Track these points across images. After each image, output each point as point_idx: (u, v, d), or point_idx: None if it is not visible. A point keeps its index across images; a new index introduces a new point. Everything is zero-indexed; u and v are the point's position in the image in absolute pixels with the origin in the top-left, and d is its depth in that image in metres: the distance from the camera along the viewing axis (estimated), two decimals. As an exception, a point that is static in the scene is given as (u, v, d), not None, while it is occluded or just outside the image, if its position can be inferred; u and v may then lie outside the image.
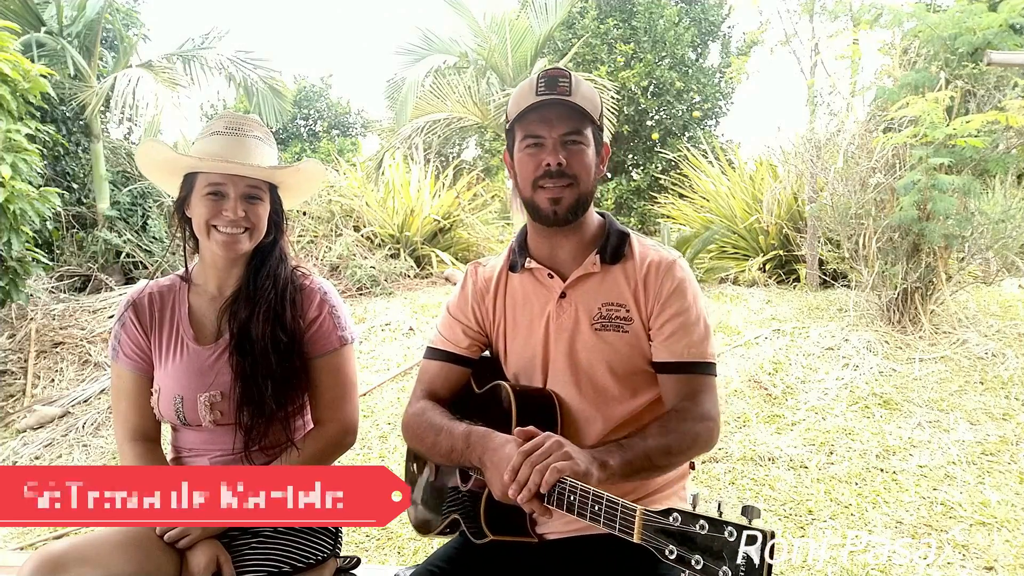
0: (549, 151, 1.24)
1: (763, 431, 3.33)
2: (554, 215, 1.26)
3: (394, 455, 3.37)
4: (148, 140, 1.42)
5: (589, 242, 1.34)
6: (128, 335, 1.44)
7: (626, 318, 1.28)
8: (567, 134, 1.25)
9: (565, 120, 1.24)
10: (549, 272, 1.33)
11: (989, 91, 4.52)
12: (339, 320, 1.47)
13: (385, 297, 6.07)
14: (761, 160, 6.76)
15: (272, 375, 1.38)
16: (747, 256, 6.18)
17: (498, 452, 1.12)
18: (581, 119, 1.26)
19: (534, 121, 1.26)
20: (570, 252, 1.33)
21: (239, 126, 1.39)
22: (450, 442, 1.25)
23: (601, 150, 1.33)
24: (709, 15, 12.60)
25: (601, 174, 1.34)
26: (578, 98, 1.25)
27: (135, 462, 1.41)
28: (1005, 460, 2.93)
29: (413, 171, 7.84)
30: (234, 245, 1.37)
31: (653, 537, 0.88)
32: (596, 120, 1.29)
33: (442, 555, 1.33)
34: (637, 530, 0.90)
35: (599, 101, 1.31)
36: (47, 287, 5.85)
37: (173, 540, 1.31)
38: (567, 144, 1.25)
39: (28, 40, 6.41)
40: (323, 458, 1.44)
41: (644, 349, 1.28)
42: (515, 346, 1.36)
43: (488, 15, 9.26)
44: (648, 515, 0.90)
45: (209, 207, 1.35)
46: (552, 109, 1.24)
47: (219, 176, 1.35)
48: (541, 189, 1.26)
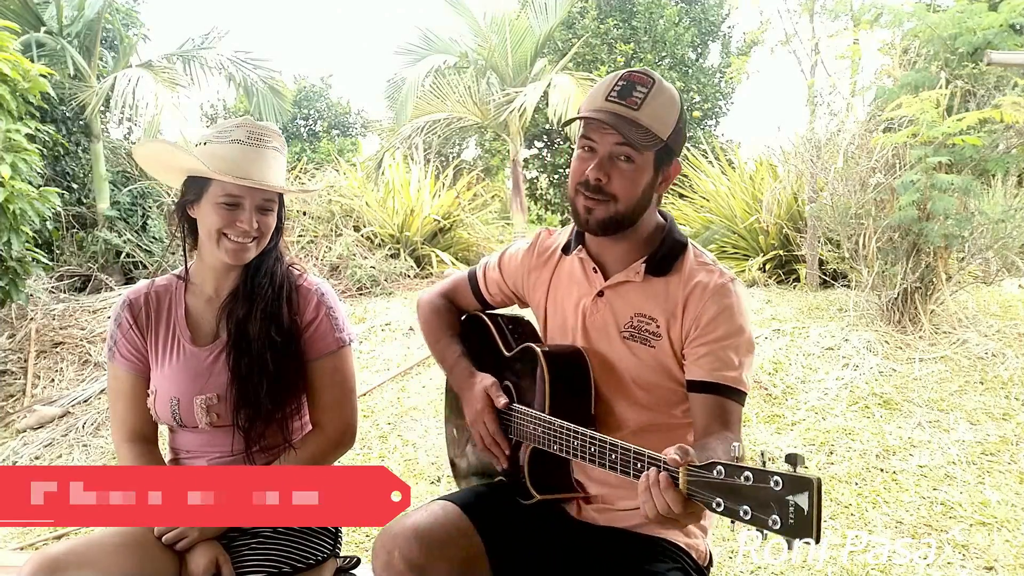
0: (596, 163, 1.19)
1: (763, 431, 3.33)
2: (585, 224, 1.25)
3: (394, 455, 3.37)
4: (166, 143, 1.40)
5: (639, 247, 1.29)
6: (124, 335, 1.44)
7: (655, 333, 1.24)
8: (619, 145, 1.18)
9: (622, 136, 1.17)
10: (594, 266, 1.31)
11: (989, 91, 4.52)
12: (337, 322, 1.47)
13: (385, 297, 6.07)
14: (761, 160, 6.75)
15: (268, 374, 1.37)
16: (747, 256, 6.17)
17: (470, 393, 1.35)
18: (641, 140, 1.17)
19: (593, 125, 1.20)
20: (618, 254, 1.30)
21: (260, 136, 1.36)
22: (440, 354, 1.49)
23: (666, 169, 1.25)
24: (709, 15, 12.59)
25: (661, 191, 1.28)
26: (645, 115, 1.17)
27: (132, 463, 1.40)
28: (1005, 460, 2.93)
29: (413, 171, 7.84)
30: (242, 254, 1.37)
31: (699, 491, 0.88)
32: (663, 139, 1.20)
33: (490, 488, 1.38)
34: (682, 485, 0.90)
35: (675, 116, 1.22)
36: (47, 287, 5.84)
37: (172, 541, 1.30)
38: (616, 159, 1.19)
39: (28, 40, 6.40)
40: (321, 460, 1.43)
41: (669, 366, 1.25)
42: (554, 324, 1.39)
43: (488, 15, 9.25)
44: (692, 470, 0.90)
45: (223, 216, 1.33)
46: (613, 120, 1.17)
47: (237, 187, 1.33)
48: (580, 195, 1.23)
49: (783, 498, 0.79)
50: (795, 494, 0.78)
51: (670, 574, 1.18)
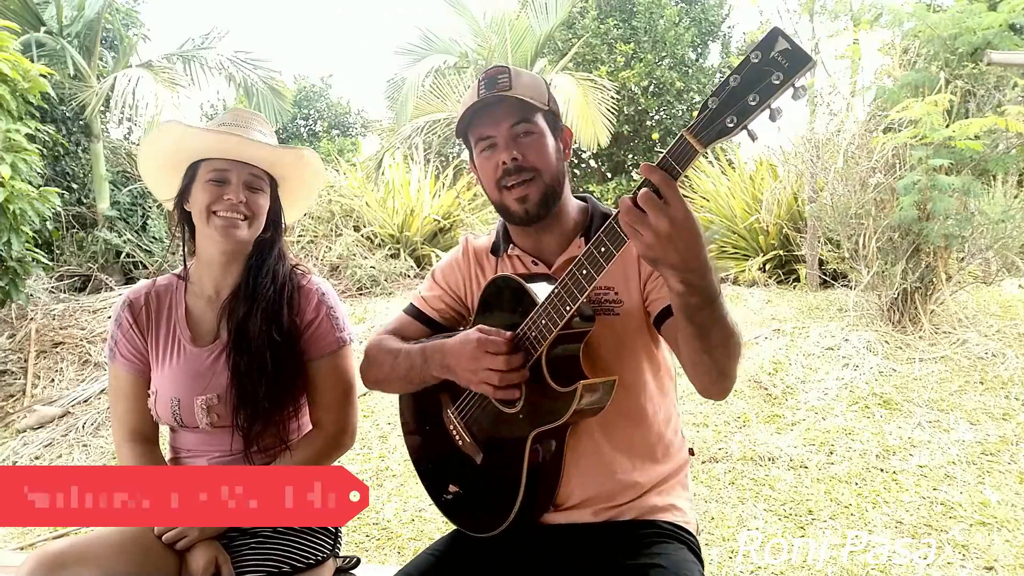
0: (502, 149, 1.22)
1: (763, 431, 3.32)
2: (526, 214, 1.24)
3: (394, 455, 3.37)
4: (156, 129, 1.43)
5: (572, 229, 1.31)
6: (124, 336, 1.44)
7: (616, 300, 1.25)
8: (515, 125, 1.22)
9: (511, 114, 1.22)
10: (533, 259, 1.31)
11: (989, 91, 4.52)
12: (337, 321, 1.47)
13: (385, 297, 6.07)
14: (761, 160, 6.75)
15: (268, 374, 1.37)
16: (747, 256, 6.18)
17: (456, 345, 1.17)
18: (527, 109, 1.22)
19: (482, 123, 1.24)
20: (554, 241, 1.30)
21: (245, 121, 1.41)
22: (407, 361, 1.28)
23: (560, 135, 1.29)
24: (709, 15, 12.60)
25: (566, 159, 1.30)
26: (519, 90, 1.22)
27: (133, 463, 1.40)
28: (1005, 460, 2.93)
29: (413, 171, 7.84)
30: (233, 231, 1.36)
31: (708, 129, 0.87)
32: (545, 106, 1.25)
33: (440, 544, 1.32)
34: (700, 149, 0.88)
35: (544, 87, 1.28)
36: (47, 287, 5.85)
37: (172, 541, 1.30)
38: (519, 137, 1.22)
39: (28, 40, 6.41)
40: (320, 460, 1.43)
41: (638, 327, 1.25)
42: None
43: (488, 15, 9.26)
44: (690, 133, 0.88)
45: (211, 192, 1.35)
46: (495, 107, 1.22)
47: (223, 162, 1.36)
48: (506, 190, 1.23)
49: (769, 57, 0.82)
50: (775, 47, 0.82)
51: (678, 554, 1.17)
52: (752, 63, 0.83)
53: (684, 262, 0.89)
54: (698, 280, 0.92)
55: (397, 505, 2.89)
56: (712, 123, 0.87)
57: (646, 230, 0.88)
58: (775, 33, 0.82)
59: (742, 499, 2.78)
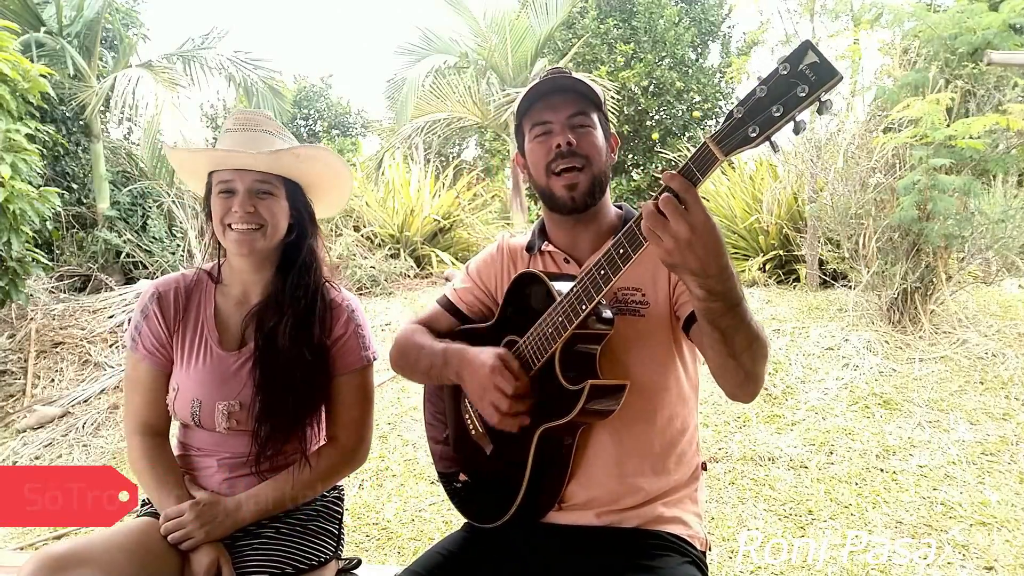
0: (558, 133, 1.26)
1: (763, 431, 3.33)
2: (572, 201, 1.27)
3: (394, 455, 3.37)
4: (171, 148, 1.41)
5: (607, 231, 1.33)
6: (151, 328, 1.41)
7: (642, 302, 1.27)
8: (573, 115, 1.26)
9: (570, 103, 1.27)
10: (566, 257, 1.33)
11: (989, 91, 4.52)
12: (364, 340, 1.46)
13: (385, 297, 6.07)
14: (761, 160, 6.75)
15: (294, 389, 1.36)
16: (747, 256, 6.17)
17: (474, 362, 1.19)
18: (586, 102, 1.28)
19: (540, 109, 1.28)
20: (589, 240, 1.33)
21: (248, 121, 1.38)
22: (429, 359, 1.31)
23: (609, 139, 1.34)
24: (709, 15, 12.61)
25: (612, 161, 1.35)
26: (580, 85, 1.27)
27: (142, 456, 1.39)
28: (1005, 460, 2.93)
29: (413, 171, 7.85)
30: (247, 243, 1.34)
31: (731, 138, 0.88)
32: (601, 107, 1.31)
33: (448, 543, 1.32)
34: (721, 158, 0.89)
35: (602, 93, 1.33)
36: (47, 287, 5.85)
37: (176, 542, 1.30)
38: (575, 127, 1.26)
39: (28, 40, 6.41)
40: (334, 474, 1.43)
41: (663, 331, 1.26)
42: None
43: (488, 15, 9.27)
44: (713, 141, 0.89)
45: (222, 204, 1.34)
46: (556, 95, 1.27)
47: (228, 172, 1.34)
48: (555, 176, 1.27)
49: (797, 70, 0.82)
50: (803, 60, 0.82)
51: (680, 568, 1.16)
52: (780, 74, 0.84)
53: (704, 267, 0.90)
54: (719, 286, 0.93)
55: (397, 505, 2.90)
56: (735, 132, 0.88)
57: (666, 235, 0.89)
58: (805, 46, 0.83)
59: (742, 499, 2.78)
